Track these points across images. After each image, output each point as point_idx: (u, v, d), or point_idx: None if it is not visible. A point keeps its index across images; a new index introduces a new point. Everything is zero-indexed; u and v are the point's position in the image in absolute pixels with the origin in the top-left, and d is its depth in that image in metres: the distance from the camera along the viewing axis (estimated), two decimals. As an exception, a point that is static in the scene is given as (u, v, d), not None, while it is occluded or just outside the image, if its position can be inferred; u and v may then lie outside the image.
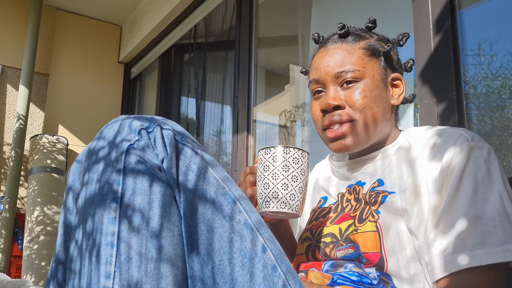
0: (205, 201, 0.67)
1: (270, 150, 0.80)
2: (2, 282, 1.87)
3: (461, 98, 1.31)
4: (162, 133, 0.68)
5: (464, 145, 0.76)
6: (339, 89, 0.90)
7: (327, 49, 0.93)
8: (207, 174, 0.68)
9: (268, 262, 0.65)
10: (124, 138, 0.67)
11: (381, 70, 0.91)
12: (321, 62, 0.93)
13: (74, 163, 0.78)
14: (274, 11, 2.61)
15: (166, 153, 0.67)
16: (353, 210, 0.87)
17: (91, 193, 0.65)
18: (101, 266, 0.60)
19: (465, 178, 0.73)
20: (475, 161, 0.74)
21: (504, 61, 1.32)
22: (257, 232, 0.67)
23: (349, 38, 0.93)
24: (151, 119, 0.70)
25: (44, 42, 3.33)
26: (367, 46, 0.92)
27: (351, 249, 0.81)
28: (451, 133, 0.80)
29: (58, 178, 2.88)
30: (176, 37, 3.16)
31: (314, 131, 2.21)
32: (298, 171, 0.79)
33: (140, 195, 0.64)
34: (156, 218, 0.63)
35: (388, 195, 0.82)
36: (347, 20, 0.97)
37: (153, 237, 0.62)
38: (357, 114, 0.87)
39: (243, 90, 2.37)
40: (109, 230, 0.61)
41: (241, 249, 0.65)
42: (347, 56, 0.90)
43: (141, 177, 0.65)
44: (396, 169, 0.85)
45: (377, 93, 0.89)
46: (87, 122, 3.41)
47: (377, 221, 0.81)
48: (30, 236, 2.61)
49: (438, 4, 1.38)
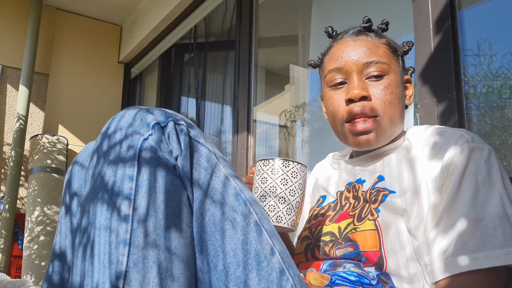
0: (217, 201, 0.65)
1: (268, 162, 0.78)
2: (2, 282, 1.87)
3: (461, 98, 1.31)
4: (176, 128, 0.65)
5: (464, 146, 0.75)
6: (366, 80, 0.88)
7: (352, 39, 0.92)
8: (219, 173, 0.67)
9: (277, 265, 0.64)
10: (137, 132, 0.63)
11: (400, 69, 0.92)
12: (345, 51, 0.90)
13: (75, 166, 0.77)
14: (274, 11, 2.61)
15: (180, 150, 0.64)
16: (352, 209, 0.87)
17: (101, 189, 0.62)
18: (112, 265, 0.57)
19: (466, 179, 0.73)
20: (475, 163, 0.74)
21: (504, 61, 1.32)
22: (267, 235, 0.65)
23: (371, 33, 0.92)
24: (164, 113, 0.67)
25: (44, 42, 3.34)
26: (388, 43, 0.92)
27: (350, 248, 0.81)
28: (452, 134, 0.79)
29: (58, 178, 2.88)
30: (176, 37, 3.16)
31: (314, 131, 2.21)
32: (296, 185, 0.78)
33: (154, 193, 0.61)
34: (170, 218, 0.61)
35: (389, 194, 0.81)
36: (347, 20, 0.97)
37: (166, 237, 0.60)
38: (381, 109, 0.87)
39: (243, 90, 2.37)
40: (120, 228, 0.59)
41: (251, 251, 0.64)
42: (374, 48, 0.89)
43: (155, 175, 0.62)
44: (396, 167, 0.85)
45: (400, 90, 0.90)
46: (87, 122, 3.41)
47: (376, 219, 0.80)
48: (30, 236, 2.61)
49: (438, 4, 1.37)
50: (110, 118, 0.68)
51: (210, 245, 0.64)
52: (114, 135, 0.64)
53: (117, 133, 0.64)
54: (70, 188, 0.76)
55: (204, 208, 0.64)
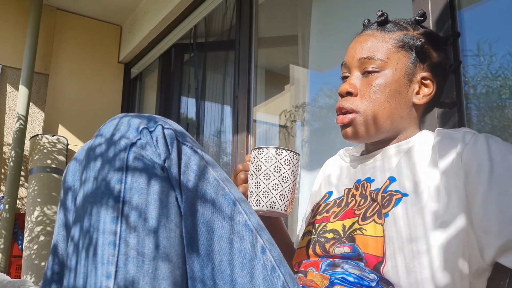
0: (206, 202, 0.67)
1: (263, 150, 0.82)
2: (2, 282, 1.87)
3: (461, 98, 1.30)
4: (164, 132, 0.67)
5: (475, 137, 0.78)
6: (361, 76, 0.91)
7: (361, 35, 0.95)
8: (208, 175, 0.68)
9: (268, 263, 0.66)
10: (125, 136, 0.66)
11: (408, 65, 0.90)
12: (351, 47, 0.95)
13: (72, 161, 0.78)
14: (274, 11, 2.61)
15: (168, 152, 0.66)
16: (358, 207, 0.86)
17: (91, 191, 0.64)
18: (102, 265, 0.59)
19: (495, 162, 0.75)
20: (495, 145, 0.76)
21: (504, 61, 1.32)
22: (256, 234, 0.67)
23: (388, 26, 0.92)
24: (151, 118, 0.69)
25: (44, 42, 3.34)
26: (400, 37, 0.91)
27: (348, 248, 0.81)
28: (457, 133, 0.81)
29: (58, 178, 2.88)
30: (176, 37, 3.16)
31: (314, 131, 2.21)
32: (289, 172, 0.82)
33: (142, 195, 0.63)
34: (157, 219, 0.63)
35: (402, 198, 0.79)
36: (347, 20, 0.98)
37: (154, 237, 0.62)
38: (362, 106, 0.88)
39: (243, 90, 2.37)
40: (110, 229, 0.61)
41: (241, 250, 0.65)
42: (375, 44, 0.90)
43: (143, 176, 0.64)
44: (409, 168, 0.83)
45: (394, 87, 0.88)
46: (87, 122, 3.41)
47: (383, 224, 0.79)
48: (30, 236, 2.61)
49: (438, 4, 1.37)
50: (111, 117, 0.71)
51: (200, 244, 0.65)
52: (103, 140, 0.67)
53: (107, 138, 0.67)
54: (69, 186, 0.76)
55: (193, 209, 0.66)
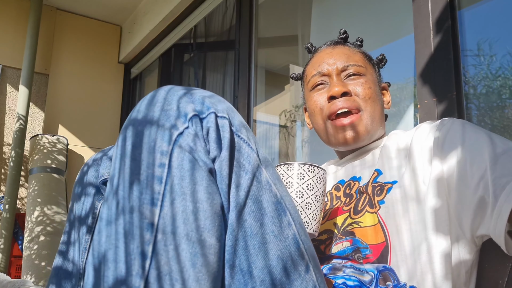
0: (256, 212, 0.57)
1: (293, 166, 0.75)
2: (2, 282, 1.87)
3: (461, 98, 1.31)
4: (217, 122, 0.56)
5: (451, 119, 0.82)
6: (345, 80, 0.95)
7: (330, 48, 1.00)
8: (261, 177, 0.58)
9: (310, 283, 0.58)
10: (171, 123, 0.55)
11: (376, 75, 1.00)
12: (326, 58, 0.98)
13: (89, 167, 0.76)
14: (274, 11, 2.61)
15: (220, 150, 0.56)
16: (344, 204, 0.88)
17: (124, 190, 0.54)
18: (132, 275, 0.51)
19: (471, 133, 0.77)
20: (470, 125, 0.79)
21: (504, 61, 1.32)
22: (304, 251, 0.59)
23: (348, 43, 1.01)
24: (203, 98, 0.58)
25: (44, 42, 3.33)
26: (363, 52, 1.01)
27: (348, 242, 0.81)
28: (436, 121, 0.86)
29: (58, 178, 2.88)
30: (176, 37, 3.16)
31: (314, 131, 2.21)
32: (321, 190, 0.76)
33: (184, 201, 0.53)
34: (200, 231, 0.53)
35: (392, 187, 0.82)
36: (347, 20, 1.00)
37: (195, 253, 0.52)
38: (362, 103, 0.92)
39: (243, 90, 2.37)
40: (145, 237, 0.52)
41: (287, 269, 0.57)
42: (351, 55, 0.97)
43: (188, 179, 0.54)
44: (389, 157, 0.88)
45: (378, 89, 0.97)
46: (87, 122, 3.41)
47: (377, 212, 0.80)
48: (30, 236, 2.61)
49: (438, 4, 1.37)
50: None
51: (243, 260, 0.55)
52: (144, 123, 0.55)
53: (148, 121, 0.55)
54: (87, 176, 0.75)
55: (241, 219, 0.56)
